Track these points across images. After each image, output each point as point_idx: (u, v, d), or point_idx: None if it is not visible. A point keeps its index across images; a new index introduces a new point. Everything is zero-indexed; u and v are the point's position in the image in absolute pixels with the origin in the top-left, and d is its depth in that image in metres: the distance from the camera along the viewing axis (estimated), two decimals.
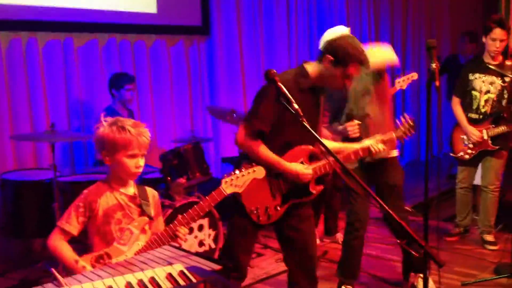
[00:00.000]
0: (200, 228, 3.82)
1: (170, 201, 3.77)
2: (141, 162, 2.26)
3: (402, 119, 3.02)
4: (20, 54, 4.33)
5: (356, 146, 2.92)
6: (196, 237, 3.80)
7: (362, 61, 2.63)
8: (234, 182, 2.37)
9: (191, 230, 3.72)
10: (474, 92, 4.23)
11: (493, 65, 4.15)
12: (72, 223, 2.21)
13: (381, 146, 2.91)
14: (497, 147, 4.19)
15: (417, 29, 7.75)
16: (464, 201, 4.52)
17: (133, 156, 2.23)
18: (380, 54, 3.35)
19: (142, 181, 4.02)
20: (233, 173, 2.38)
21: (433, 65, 2.80)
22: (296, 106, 2.38)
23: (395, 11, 7.27)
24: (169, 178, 3.91)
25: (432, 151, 7.76)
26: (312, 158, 2.80)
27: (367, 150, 2.88)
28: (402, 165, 3.57)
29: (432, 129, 4.37)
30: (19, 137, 4.17)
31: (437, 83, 2.82)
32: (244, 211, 2.74)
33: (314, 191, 2.82)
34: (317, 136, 2.21)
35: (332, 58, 2.61)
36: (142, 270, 1.70)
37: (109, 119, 2.29)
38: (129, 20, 4.89)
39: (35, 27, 4.38)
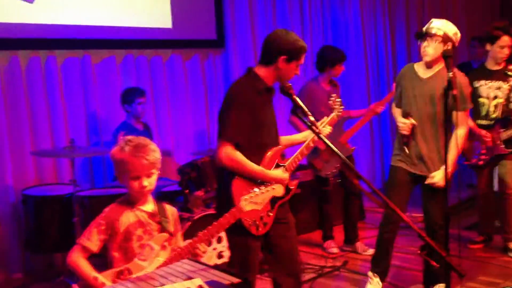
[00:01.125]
0: (219, 240, 3.82)
1: (189, 214, 3.78)
2: (146, 182, 2.26)
3: (331, 100, 3.30)
4: (39, 71, 4.40)
5: (304, 133, 3.10)
6: (215, 249, 3.81)
7: (306, 48, 2.80)
8: (253, 200, 2.36)
9: (209, 242, 3.73)
10: (480, 100, 4.24)
11: (497, 70, 4.18)
12: (92, 240, 2.23)
13: (328, 128, 3.11)
14: (510, 150, 4.16)
15: None
16: (486, 208, 4.46)
17: (135, 177, 2.25)
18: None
19: (160, 194, 4.05)
20: (252, 191, 2.38)
21: (450, 74, 2.81)
22: (312, 118, 2.43)
23: (410, 17, 7.23)
24: (187, 191, 3.93)
25: None
26: (283, 156, 2.91)
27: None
28: None
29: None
30: (39, 153, 4.23)
31: (454, 91, 2.83)
32: (243, 228, 2.72)
33: (292, 187, 2.90)
34: (323, 138, 2.23)
35: (286, 57, 2.72)
36: (161, 284, 1.71)
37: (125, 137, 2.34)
38: (145, 36, 4.95)
39: (53, 45, 4.46)
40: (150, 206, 2.36)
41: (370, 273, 3.67)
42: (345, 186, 4.64)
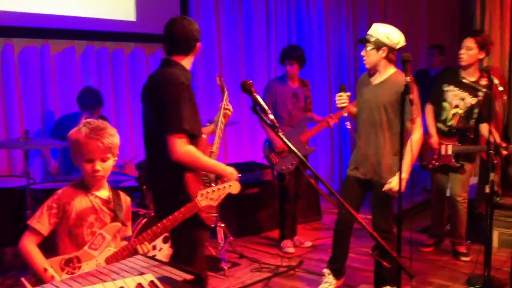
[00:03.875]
0: (165, 240, 3.78)
1: (146, 210, 3.74)
2: (99, 166, 2.21)
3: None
4: None
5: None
6: (161, 249, 3.76)
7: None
8: (209, 195, 2.39)
9: (166, 240, 3.69)
10: (444, 104, 4.31)
11: (469, 81, 4.16)
12: (43, 223, 2.17)
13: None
14: (458, 165, 4.26)
15: None
16: (438, 210, 4.58)
17: (89, 160, 2.21)
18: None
19: (118, 189, 3.98)
20: (209, 186, 2.40)
21: (408, 78, 2.87)
22: (271, 116, 2.42)
23: (373, 21, 7.33)
24: (144, 187, 3.89)
25: None
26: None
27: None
28: None
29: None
30: None
31: (411, 96, 2.89)
32: (201, 221, 2.67)
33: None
34: (283, 138, 2.23)
35: (200, 43, 2.87)
36: (113, 280, 1.69)
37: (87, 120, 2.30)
38: (108, 28, 4.86)
39: (11, 33, 4.33)
40: (105, 192, 2.32)
41: (325, 270, 3.73)
42: (295, 185, 4.70)
